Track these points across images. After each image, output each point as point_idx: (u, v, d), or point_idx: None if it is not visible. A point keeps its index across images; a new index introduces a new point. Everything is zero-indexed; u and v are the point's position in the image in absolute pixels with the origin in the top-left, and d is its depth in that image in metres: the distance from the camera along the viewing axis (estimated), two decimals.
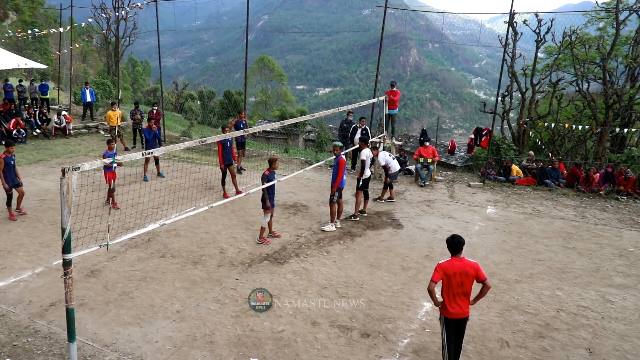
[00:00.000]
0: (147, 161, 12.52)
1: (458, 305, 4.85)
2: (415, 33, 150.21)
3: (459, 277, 4.77)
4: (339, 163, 9.12)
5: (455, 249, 4.85)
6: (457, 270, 4.77)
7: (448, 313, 4.88)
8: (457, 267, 4.78)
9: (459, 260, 4.82)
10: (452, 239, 4.89)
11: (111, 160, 5.08)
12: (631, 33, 16.91)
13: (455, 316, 4.88)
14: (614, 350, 5.70)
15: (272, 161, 8.33)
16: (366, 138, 10.59)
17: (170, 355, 5.33)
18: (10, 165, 9.41)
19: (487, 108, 17.70)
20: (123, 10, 22.03)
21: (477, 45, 34.66)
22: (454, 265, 4.79)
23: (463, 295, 4.84)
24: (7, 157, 9.32)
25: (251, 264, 7.67)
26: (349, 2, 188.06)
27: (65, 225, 4.48)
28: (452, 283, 4.78)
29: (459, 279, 4.77)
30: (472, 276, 4.81)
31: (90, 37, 27.23)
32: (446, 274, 4.78)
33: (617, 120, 16.45)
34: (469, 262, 4.86)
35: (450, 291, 4.82)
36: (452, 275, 4.76)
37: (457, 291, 4.80)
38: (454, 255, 4.86)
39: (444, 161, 23.72)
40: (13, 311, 6.09)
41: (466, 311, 4.92)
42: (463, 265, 4.80)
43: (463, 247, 4.86)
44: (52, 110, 20.03)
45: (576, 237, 9.44)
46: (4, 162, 9.25)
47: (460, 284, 4.78)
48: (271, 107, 48.75)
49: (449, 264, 4.82)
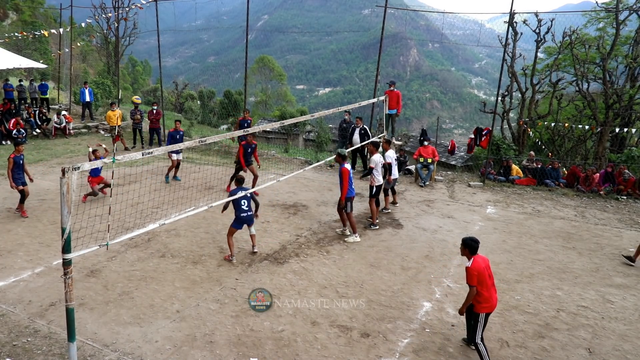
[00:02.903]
0: (174, 164, 12.25)
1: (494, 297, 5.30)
2: (415, 33, 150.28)
3: (487, 271, 5.22)
4: (342, 173, 8.65)
5: (476, 249, 5.27)
6: (485, 266, 5.22)
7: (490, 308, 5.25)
8: (484, 264, 5.23)
9: (480, 257, 5.27)
10: (474, 241, 5.28)
11: (111, 159, 5.08)
12: (631, 33, 16.93)
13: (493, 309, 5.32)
14: (614, 350, 5.70)
15: (242, 179, 7.97)
16: (377, 142, 10.05)
17: (170, 355, 5.33)
18: (19, 165, 9.45)
19: (487, 108, 17.71)
20: (122, 10, 22.07)
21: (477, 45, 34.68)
22: (481, 263, 5.20)
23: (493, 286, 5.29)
24: (16, 157, 9.37)
25: (251, 264, 7.67)
26: (349, 2, 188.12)
27: (65, 225, 4.48)
28: (485, 279, 5.17)
29: (488, 272, 5.24)
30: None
31: (91, 37, 27.24)
32: (480, 273, 5.14)
33: (617, 120, 16.46)
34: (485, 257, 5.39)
35: (485, 286, 5.16)
36: (484, 271, 5.18)
37: (489, 283, 5.21)
38: (474, 254, 5.25)
39: (444, 161, 23.72)
40: (13, 311, 6.09)
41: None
42: (484, 260, 5.30)
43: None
44: (52, 110, 20.04)
45: (576, 237, 9.44)
46: (13, 162, 9.29)
47: (490, 276, 5.25)
48: (271, 107, 48.74)
49: (477, 264, 5.17)
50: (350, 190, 8.69)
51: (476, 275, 5.08)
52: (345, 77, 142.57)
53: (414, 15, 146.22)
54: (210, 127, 31.62)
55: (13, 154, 9.37)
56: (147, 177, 12.23)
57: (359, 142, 13.00)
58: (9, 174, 9.29)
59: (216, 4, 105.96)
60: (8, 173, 9.31)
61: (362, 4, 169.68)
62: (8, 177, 9.32)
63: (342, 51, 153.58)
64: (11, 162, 9.29)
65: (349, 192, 8.70)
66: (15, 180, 9.33)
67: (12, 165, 9.28)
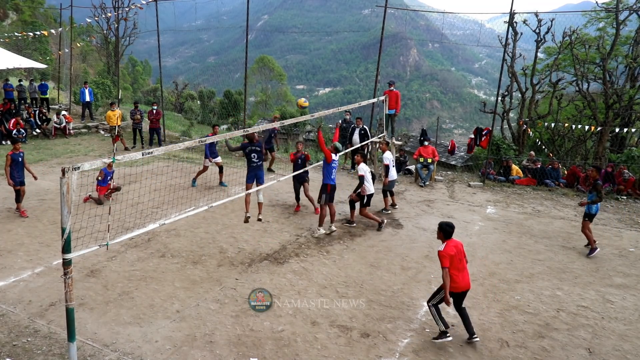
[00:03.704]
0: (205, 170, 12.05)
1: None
2: (415, 33, 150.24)
3: (459, 255, 5.57)
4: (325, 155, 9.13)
5: (450, 234, 5.62)
6: (457, 250, 5.57)
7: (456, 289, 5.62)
8: (456, 248, 5.58)
9: (453, 242, 5.62)
10: (449, 226, 5.63)
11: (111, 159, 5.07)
12: (631, 33, 16.91)
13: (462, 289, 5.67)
14: (614, 350, 5.70)
15: (252, 136, 8.65)
16: (364, 154, 10.18)
17: (170, 355, 5.33)
18: (18, 162, 9.42)
19: (487, 108, 17.71)
20: (122, 10, 22.07)
21: (477, 45, 34.64)
22: (452, 248, 5.56)
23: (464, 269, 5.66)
24: (13, 154, 9.33)
25: (251, 264, 7.67)
26: (349, 2, 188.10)
27: (65, 225, 4.48)
28: (455, 262, 5.53)
29: (459, 256, 5.58)
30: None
31: (92, 37, 27.25)
32: (452, 257, 5.50)
33: (617, 120, 16.45)
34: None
35: (455, 269, 5.53)
36: (455, 255, 5.52)
37: (459, 266, 5.56)
38: (448, 238, 5.60)
39: (444, 161, 23.71)
40: (13, 311, 6.09)
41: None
42: (457, 244, 5.65)
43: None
44: (52, 110, 20.04)
45: (576, 237, 9.44)
46: (11, 159, 9.26)
47: (460, 260, 5.58)
48: (271, 107, 48.75)
49: (448, 247, 5.53)
50: (330, 179, 9.05)
51: (448, 258, 5.45)
52: (345, 77, 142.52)
53: (414, 15, 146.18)
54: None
55: (11, 151, 9.37)
56: (147, 177, 12.23)
57: (359, 142, 13.01)
58: (6, 171, 9.29)
59: (216, 4, 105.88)
60: (5, 170, 9.31)
61: (362, 4, 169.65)
62: (5, 174, 9.32)
63: (342, 51, 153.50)
64: (9, 159, 9.27)
65: (329, 180, 9.04)
66: (13, 179, 9.31)
67: (9, 162, 9.26)
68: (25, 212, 9.49)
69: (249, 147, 8.68)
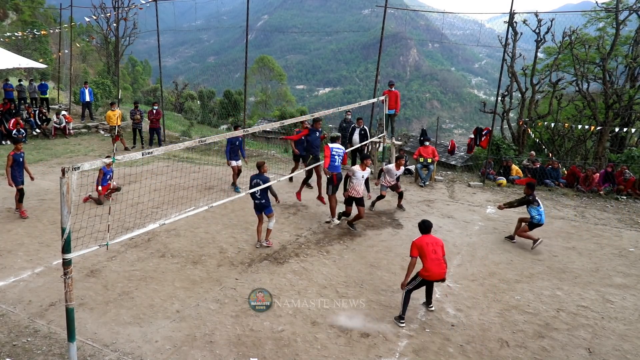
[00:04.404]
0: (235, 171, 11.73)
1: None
2: (415, 33, 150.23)
3: (432, 247, 6.12)
4: (324, 149, 9.37)
5: (426, 229, 6.32)
6: (430, 242, 6.17)
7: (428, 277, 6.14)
8: (430, 241, 6.19)
9: (429, 237, 6.26)
10: (424, 223, 6.37)
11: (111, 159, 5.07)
12: (631, 33, 16.93)
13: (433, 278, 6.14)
14: (614, 350, 5.70)
15: (261, 165, 8.18)
16: (367, 155, 9.79)
17: (170, 355, 5.33)
18: (19, 163, 9.41)
19: (487, 108, 17.71)
20: (122, 10, 22.07)
21: (477, 45, 34.67)
22: (425, 240, 6.20)
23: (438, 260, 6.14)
24: (15, 154, 9.32)
25: (251, 264, 7.67)
26: (349, 2, 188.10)
27: (65, 225, 4.48)
28: (426, 252, 6.08)
29: (432, 247, 6.11)
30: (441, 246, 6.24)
31: (91, 37, 27.25)
32: (421, 248, 6.10)
33: (617, 120, 16.46)
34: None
35: (426, 259, 6.08)
36: (426, 246, 6.11)
37: (432, 257, 6.07)
38: (424, 233, 6.30)
39: (443, 161, 23.73)
40: (13, 311, 6.09)
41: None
42: (433, 239, 6.24)
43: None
44: (52, 110, 20.04)
45: (576, 237, 9.44)
46: (12, 159, 9.25)
47: (434, 251, 6.11)
48: (271, 107, 48.78)
49: (420, 239, 6.19)
50: (335, 167, 9.17)
51: (417, 249, 6.07)
52: (345, 77, 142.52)
53: (414, 15, 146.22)
54: (210, 127, 31.62)
55: (12, 152, 9.36)
56: (147, 177, 12.23)
57: (359, 142, 13.01)
58: (7, 171, 9.27)
59: (216, 4, 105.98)
60: (6, 170, 9.29)
61: (362, 4, 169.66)
62: (6, 174, 9.30)
63: (342, 51, 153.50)
64: (10, 160, 9.25)
65: (334, 169, 9.17)
66: (14, 179, 9.30)
67: (10, 162, 9.25)
68: (25, 212, 9.48)
69: (255, 179, 8.05)
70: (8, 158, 9.29)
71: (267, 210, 8.14)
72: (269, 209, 8.16)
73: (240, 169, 11.87)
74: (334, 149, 9.40)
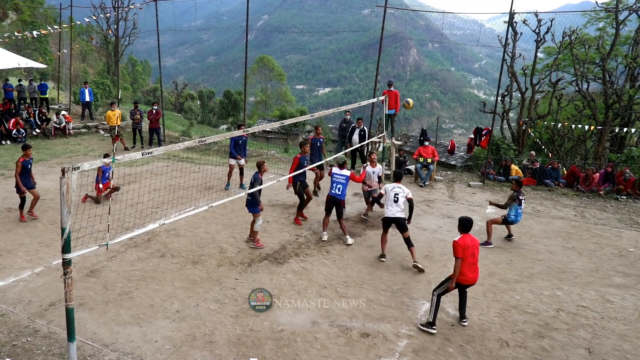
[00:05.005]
0: (234, 170, 11.82)
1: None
2: (415, 33, 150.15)
3: (471, 249, 5.84)
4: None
5: (467, 228, 5.96)
6: (471, 244, 5.86)
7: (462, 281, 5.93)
8: (471, 242, 5.87)
9: (469, 237, 5.90)
10: (467, 221, 5.97)
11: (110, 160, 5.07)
12: (631, 33, 16.93)
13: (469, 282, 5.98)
14: (614, 350, 5.70)
15: (260, 164, 8.17)
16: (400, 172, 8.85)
17: (169, 354, 5.33)
18: (28, 169, 9.18)
19: (487, 108, 17.72)
20: (122, 10, 22.05)
21: (477, 45, 34.67)
22: (467, 241, 5.86)
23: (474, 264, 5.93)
24: (25, 161, 9.07)
25: (251, 264, 7.67)
26: (349, 2, 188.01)
27: (65, 224, 4.48)
28: (466, 255, 5.82)
29: (471, 250, 5.84)
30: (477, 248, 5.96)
31: (91, 37, 27.23)
32: (464, 249, 5.80)
33: (616, 120, 16.46)
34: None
35: (464, 262, 5.83)
36: (468, 248, 5.82)
37: (470, 261, 5.84)
38: (465, 232, 5.94)
39: (443, 161, 23.72)
40: (13, 311, 6.09)
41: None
42: (473, 240, 5.93)
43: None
44: (52, 110, 20.03)
45: (576, 237, 9.45)
46: (22, 166, 9.00)
47: (472, 255, 5.86)
48: (271, 107, 48.73)
49: (463, 240, 5.85)
50: (330, 190, 8.75)
51: (461, 249, 5.76)
52: (345, 77, 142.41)
53: (413, 15, 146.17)
54: (210, 127, 31.60)
55: (22, 158, 9.07)
56: (146, 177, 12.23)
57: (358, 142, 13.01)
58: (17, 179, 8.99)
59: (216, 4, 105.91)
60: (16, 177, 9.01)
61: (362, 4, 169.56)
62: (17, 181, 9.00)
63: (342, 51, 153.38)
64: (19, 167, 8.98)
65: (330, 192, 8.74)
66: (25, 185, 9.07)
67: (19, 169, 8.97)
68: (34, 213, 9.39)
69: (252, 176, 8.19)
70: (17, 165, 9.01)
71: (251, 209, 8.14)
72: (253, 209, 8.10)
73: (242, 168, 11.88)
74: (335, 174, 8.85)
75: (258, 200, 8.08)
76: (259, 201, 8.10)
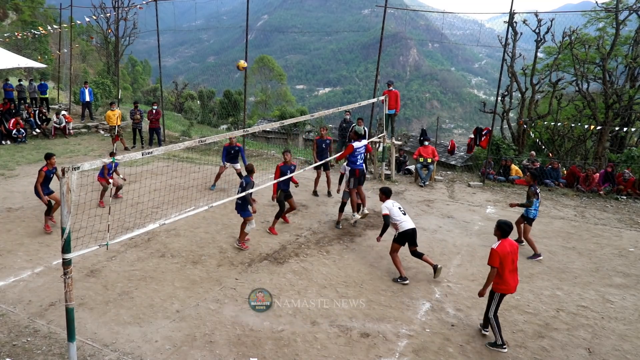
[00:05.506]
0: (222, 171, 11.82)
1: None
2: (415, 33, 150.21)
3: (512, 256, 5.51)
4: (346, 147, 9.33)
5: (507, 232, 5.54)
6: (510, 250, 5.49)
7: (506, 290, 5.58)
8: (510, 248, 5.50)
9: (508, 242, 5.54)
10: (507, 225, 5.54)
11: (111, 160, 5.08)
12: (631, 33, 16.93)
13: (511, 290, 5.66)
14: (614, 350, 5.70)
15: (250, 169, 8.08)
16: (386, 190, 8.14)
17: (169, 354, 5.33)
18: (49, 178, 8.81)
19: (487, 108, 17.73)
20: (122, 10, 22.05)
21: (477, 45, 34.67)
22: (507, 247, 5.49)
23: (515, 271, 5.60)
24: (48, 171, 8.70)
25: (251, 264, 7.67)
26: (349, 2, 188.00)
27: (65, 224, 4.48)
28: (507, 262, 5.46)
29: (511, 257, 5.50)
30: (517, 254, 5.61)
31: (91, 37, 27.23)
32: (503, 257, 5.43)
33: (616, 120, 16.46)
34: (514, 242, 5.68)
35: (505, 270, 5.48)
36: (507, 255, 5.46)
37: (511, 268, 5.51)
38: (504, 237, 5.55)
39: (443, 161, 23.74)
40: (13, 311, 6.09)
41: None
42: (512, 245, 5.57)
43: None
44: (52, 109, 20.03)
45: (576, 237, 9.44)
46: (45, 175, 8.61)
47: (512, 261, 5.52)
48: (271, 107, 48.75)
49: (502, 247, 5.47)
50: (356, 164, 9.15)
51: (498, 258, 5.39)
52: (345, 77, 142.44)
53: (413, 15, 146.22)
54: (210, 127, 31.59)
55: (45, 167, 8.67)
56: (147, 177, 12.23)
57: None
58: (38, 188, 8.62)
59: (216, 4, 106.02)
60: (37, 187, 8.64)
61: (362, 4, 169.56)
62: (38, 190, 8.65)
63: (342, 51, 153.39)
64: (42, 176, 8.57)
65: (355, 165, 9.12)
66: (46, 193, 8.75)
67: (42, 179, 8.60)
68: (53, 218, 8.98)
69: (242, 180, 8.20)
70: (40, 174, 8.59)
71: (242, 213, 8.04)
72: (244, 213, 8.02)
73: (240, 173, 11.90)
74: (357, 149, 9.24)
75: (250, 204, 8.01)
76: (250, 204, 8.02)
